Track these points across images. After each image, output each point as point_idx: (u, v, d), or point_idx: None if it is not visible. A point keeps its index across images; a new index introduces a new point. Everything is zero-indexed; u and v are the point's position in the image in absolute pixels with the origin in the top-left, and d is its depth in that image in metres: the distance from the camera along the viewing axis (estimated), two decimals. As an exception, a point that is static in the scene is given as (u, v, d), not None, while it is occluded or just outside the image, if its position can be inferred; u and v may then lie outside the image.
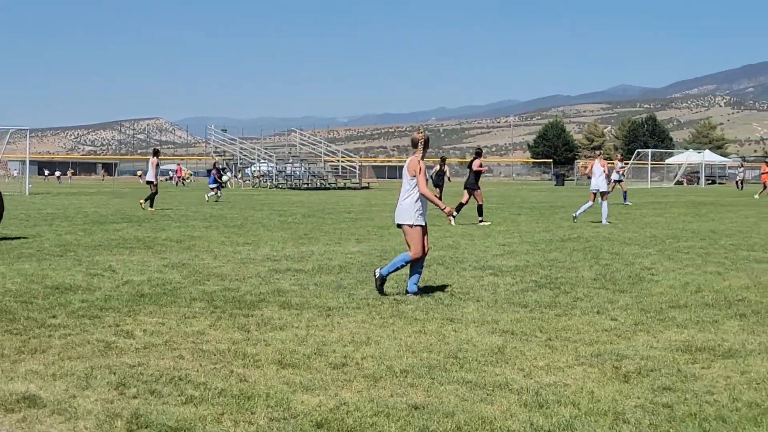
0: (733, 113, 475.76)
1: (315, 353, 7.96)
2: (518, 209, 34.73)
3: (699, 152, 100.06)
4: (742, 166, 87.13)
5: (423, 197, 11.42)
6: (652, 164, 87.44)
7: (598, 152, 29.73)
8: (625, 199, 39.76)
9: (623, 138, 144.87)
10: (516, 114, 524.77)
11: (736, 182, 72.98)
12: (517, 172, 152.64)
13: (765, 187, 51.13)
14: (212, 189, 42.72)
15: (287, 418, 5.95)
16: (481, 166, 26.96)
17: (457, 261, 15.40)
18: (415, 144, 11.53)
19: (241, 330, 9.05)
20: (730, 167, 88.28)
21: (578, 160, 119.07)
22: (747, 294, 11.64)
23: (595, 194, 26.92)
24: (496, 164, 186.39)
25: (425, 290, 11.81)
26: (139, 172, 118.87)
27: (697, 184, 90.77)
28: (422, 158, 11.45)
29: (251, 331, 9.02)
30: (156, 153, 34.88)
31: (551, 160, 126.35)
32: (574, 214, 27.27)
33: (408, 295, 11.39)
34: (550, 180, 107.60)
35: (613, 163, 40.23)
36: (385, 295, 11.40)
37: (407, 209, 11.42)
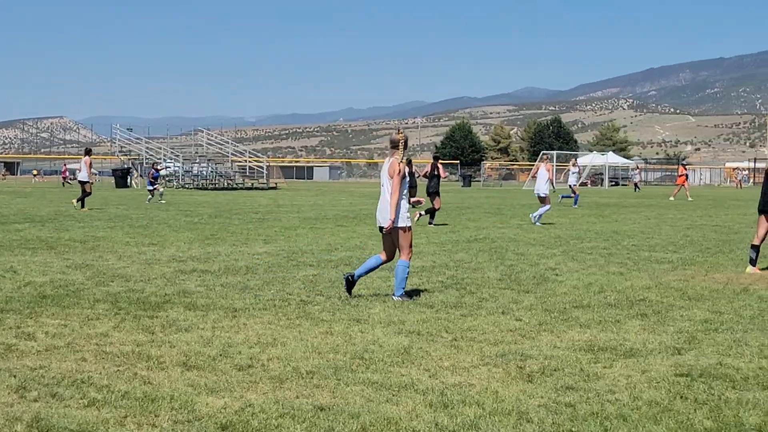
0: (636, 116, 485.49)
1: (220, 355, 7.89)
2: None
3: (603, 154, 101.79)
4: (637, 167, 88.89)
5: (407, 196, 11.33)
6: (557, 166, 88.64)
7: (545, 156, 30.26)
8: (575, 202, 39.45)
9: (529, 140, 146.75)
10: (423, 115, 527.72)
11: (634, 184, 74.49)
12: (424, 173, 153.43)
13: (680, 188, 52.09)
14: (150, 191, 41.79)
15: (191, 420, 5.88)
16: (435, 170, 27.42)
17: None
18: (395, 145, 11.29)
19: (145, 332, 8.92)
20: (632, 169, 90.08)
21: (485, 162, 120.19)
22: (648, 294, 11.87)
23: (544, 197, 27.30)
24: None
25: (335, 291, 11.81)
26: (35, 171, 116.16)
27: (601, 185, 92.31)
28: (402, 159, 11.22)
29: (156, 332, 8.90)
30: (88, 152, 34.22)
31: (458, 162, 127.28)
32: (533, 217, 27.17)
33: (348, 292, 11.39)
34: (457, 181, 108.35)
35: (565, 167, 39.97)
36: (353, 285, 11.43)
37: (399, 212, 11.17)
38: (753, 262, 14.66)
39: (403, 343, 8.51)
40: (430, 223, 25.84)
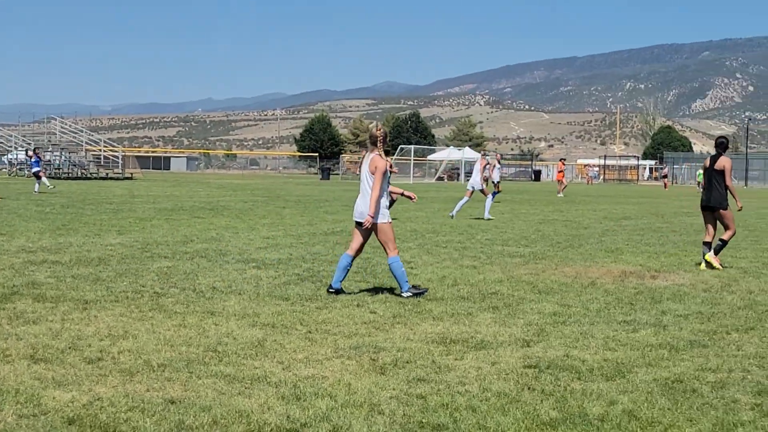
0: (492, 112, 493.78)
1: (69, 347, 7.71)
2: (283, 202, 34.79)
3: (459, 149, 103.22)
4: (486, 162, 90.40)
5: (388, 192, 11.25)
6: (414, 160, 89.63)
7: (483, 152, 30.56)
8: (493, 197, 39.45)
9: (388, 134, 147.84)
10: (283, 107, 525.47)
11: (484, 179, 75.75)
12: (283, 165, 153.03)
13: (561, 184, 53.06)
14: (36, 179, 39.99)
15: (37, 414, 5.74)
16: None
17: (220, 254, 15.27)
18: (374, 140, 11.13)
19: (-10, 324, 8.65)
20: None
21: (344, 155, 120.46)
22: (500, 287, 12.11)
23: (472, 191, 27.58)
24: (263, 157, 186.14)
25: (190, 284, 11.68)
26: None
27: (457, 180, 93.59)
28: (382, 154, 11.08)
29: (2, 324, 8.65)
30: None
31: (317, 155, 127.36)
32: (450, 214, 27.52)
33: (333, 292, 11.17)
34: (316, 174, 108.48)
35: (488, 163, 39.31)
36: (342, 292, 11.24)
37: (378, 207, 11.07)
38: (717, 251, 15.03)
39: (257, 335, 8.48)
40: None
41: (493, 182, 38.92)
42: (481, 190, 27.75)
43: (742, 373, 7.45)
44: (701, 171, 78.39)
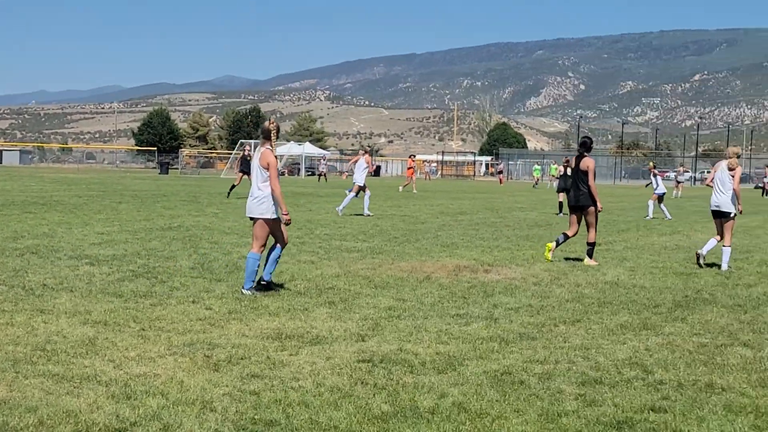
0: (332, 107, 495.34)
1: None
2: (120, 197, 34.03)
3: (300, 144, 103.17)
4: (324, 158, 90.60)
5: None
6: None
7: (367, 148, 30.50)
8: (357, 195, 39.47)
9: (228, 128, 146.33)
10: (120, 100, 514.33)
11: (319, 174, 75.72)
12: (121, 159, 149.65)
13: (410, 180, 53.31)
14: None
15: None
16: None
17: (52, 250, 14.84)
18: (266, 134, 10.96)
19: None
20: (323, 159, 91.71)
21: (183, 149, 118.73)
22: (337, 282, 12.17)
23: (360, 187, 27.74)
24: (100, 151, 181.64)
25: (19, 281, 11.33)
26: None
27: (298, 174, 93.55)
28: (273, 148, 10.96)
29: None
30: None
31: (156, 149, 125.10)
32: (338, 209, 27.23)
33: (248, 292, 10.95)
34: (154, 168, 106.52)
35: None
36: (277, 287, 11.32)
37: (266, 203, 10.92)
38: (557, 243, 15.69)
39: (88, 333, 8.29)
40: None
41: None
42: (362, 187, 27.87)
43: (568, 364, 7.70)
44: (537, 166, 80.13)
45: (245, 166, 34.59)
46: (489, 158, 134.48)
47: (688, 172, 35.72)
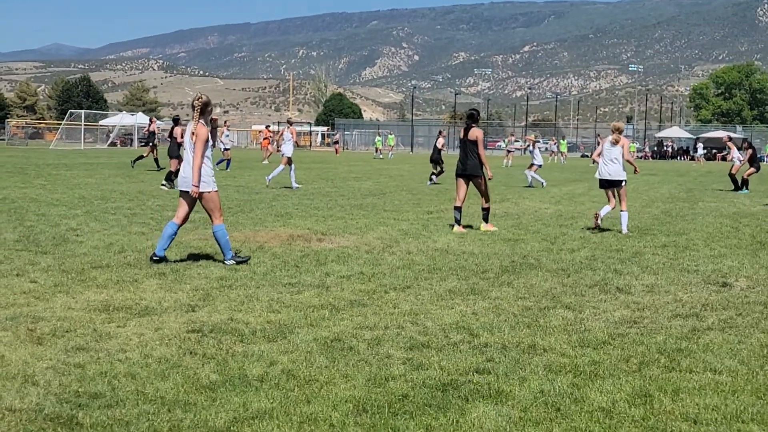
0: (166, 77, 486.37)
1: None
2: (-60, 168, 32.67)
3: (132, 114, 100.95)
4: (157, 128, 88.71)
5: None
6: (86, 125, 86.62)
7: (289, 123, 30.09)
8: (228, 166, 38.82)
9: (57, 98, 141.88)
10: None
11: (152, 145, 73.59)
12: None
13: (267, 151, 52.33)
14: None
15: None
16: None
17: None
18: (196, 108, 11.05)
19: None
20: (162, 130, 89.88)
21: (9, 120, 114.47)
22: (168, 253, 11.91)
23: (288, 159, 27.29)
24: None
25: None
26: None
27: (131, 146, 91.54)
28: (204, 122, 11.02)
29: None
30: None
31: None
32: (267, 178, 27.59)
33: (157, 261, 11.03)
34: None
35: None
36: (165, 260, 11.13)
37: (204, 176, 10.97)
38: (458, 222, 15.97)
39: None
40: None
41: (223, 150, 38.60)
42: (289, 159, 27.49)
43: (397, 329, 7.83)
44: (379, 137, 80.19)
45: (152, 140, 37.55)
46: (325, 128, 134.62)
47: (518, 141, 36.88)
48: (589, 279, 10.79)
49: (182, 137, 26.32)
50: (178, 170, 24.98)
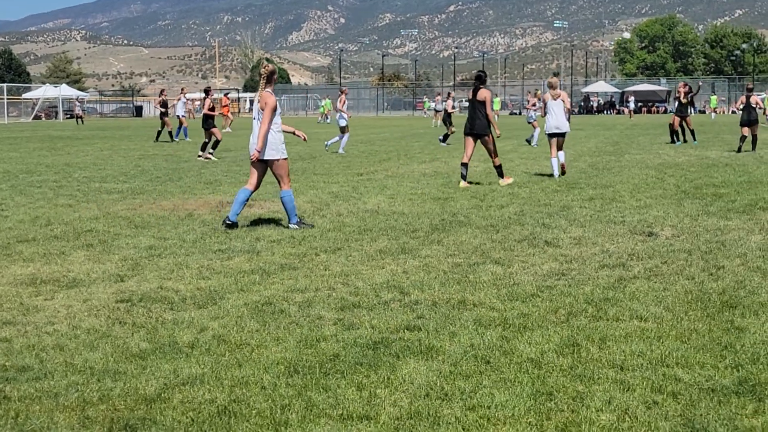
0: (90, 48, 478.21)
1: None
2: None
3: (56, 86, 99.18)
4: (79, 99, 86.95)
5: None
6: (9, 99, 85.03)
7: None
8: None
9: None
10: None
11: (76, 117, 71.78)
12: None
13: (227, 119, 51.07)
14: None
15: None
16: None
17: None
18: (264, 78, 11.40)
19: None
20: (77, 99, 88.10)
21: None
22: (96, 224, 11.88)
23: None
24: None
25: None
26: None
27: (56, 118, 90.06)
28: (271, 91, 11.44)
29: None
30: None
31: None
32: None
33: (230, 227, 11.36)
34: None
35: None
36: (236, 226, 11.38)
37: (274, 143, 11.36)
38: (464, 178, 16.84)
39: None
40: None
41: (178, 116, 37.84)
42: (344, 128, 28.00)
43: (328, 291, 7.85)
44: (326, 101, 78.99)
45: (165, 111, 36.68)
46: (254, 95, 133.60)
47: (447, 100, 37.09)
48: (518, 234, 10.90)
49: (209, 109, 26.18)
50: (214, 141, 25.01)
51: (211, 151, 25.20)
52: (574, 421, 4.68)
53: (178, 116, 38.58)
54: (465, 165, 16.90)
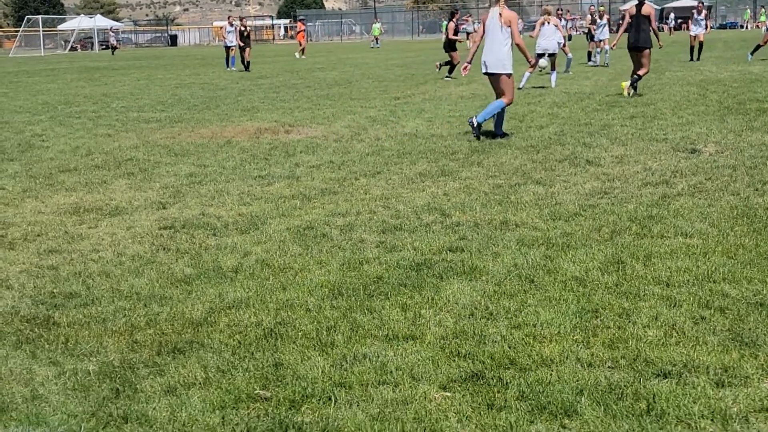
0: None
1: None
2: None
3: (91, 17, 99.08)
4: (113, 30, 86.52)
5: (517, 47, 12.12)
6: (44, 31, 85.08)
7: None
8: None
9: (13, 4, 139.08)
10: None
11: (111, 47, 71.51)
12: None
13: (301, 45, 50.60)
14: None
15: None
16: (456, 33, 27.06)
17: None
18: None
19: None
20: (111, 30, 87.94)
21: None
22: (135, 153, 11.93)
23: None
24: None
25: None
26: None
27: (92, 49, 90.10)
28: (505, 7, 12.14)
29: None
30: None
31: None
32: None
33: (497, 138, 12.10)
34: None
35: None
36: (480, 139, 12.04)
37: (504, 59, 11.98)
38: (633, 83, 17.85)
39: None
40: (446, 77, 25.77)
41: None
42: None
43: (369, 214, 7.84)
44: (377, 24, 77.68)
45: (243, 39, 34.76)
46: (287, 21, 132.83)
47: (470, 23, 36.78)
48: (559, 154, 10.81)
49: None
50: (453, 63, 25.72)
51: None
52: (621, 338, 4.66)
53: (228, 46, 37.22)
54: (638, 76, 17.78)
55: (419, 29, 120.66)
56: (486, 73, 12.31)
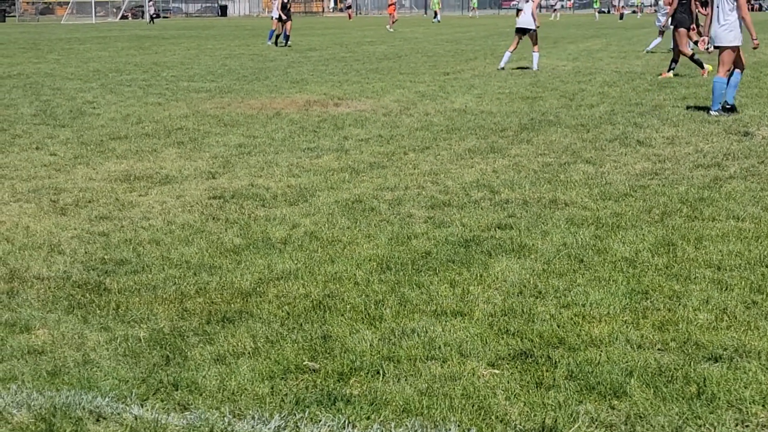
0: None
1: None
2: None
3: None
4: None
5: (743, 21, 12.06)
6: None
7: None
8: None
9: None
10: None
11: (151, 17, 71.63)
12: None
13: (392, 17, 50.10)
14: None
15: None
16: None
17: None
18: None
19: None
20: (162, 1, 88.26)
21: None
22: (185, 122, 11.99)
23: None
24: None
25: None
26: None
27: (142, 18, 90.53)
28: None
29: None
30: None
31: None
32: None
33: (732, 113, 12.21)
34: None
35: None
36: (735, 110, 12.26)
37: (734, 30, 12.01)
38: (701, 66, 17.85)
39: (-75, 186, 7.99)
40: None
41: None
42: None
43: (417, 189, 7.83)
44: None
45: (285, 11, 32.06)
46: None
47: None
48: (609, 133, 10.73)
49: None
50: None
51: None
52: (671, 320, 4.63)
53: (273, 18, 36.25)
54: (692, 59, 17.94)
55: (470, 5, 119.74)
56: (716, 47, 12.53)
